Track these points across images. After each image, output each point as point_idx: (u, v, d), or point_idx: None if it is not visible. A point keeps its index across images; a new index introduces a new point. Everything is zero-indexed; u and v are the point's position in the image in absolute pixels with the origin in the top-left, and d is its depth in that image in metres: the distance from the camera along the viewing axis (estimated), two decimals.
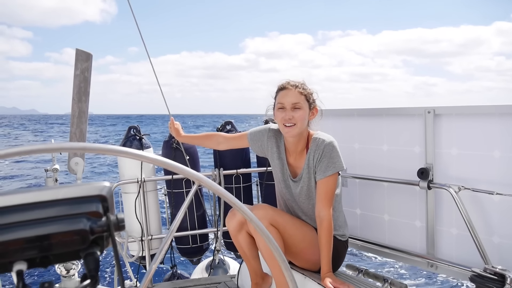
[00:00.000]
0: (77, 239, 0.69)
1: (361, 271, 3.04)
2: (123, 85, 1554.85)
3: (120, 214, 0.74)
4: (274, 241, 1.20)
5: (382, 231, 3.01)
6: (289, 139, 2.45)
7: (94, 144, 0.99)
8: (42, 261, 0.70)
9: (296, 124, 2.34)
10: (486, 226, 2.42)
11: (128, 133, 3.72)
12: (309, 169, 2.43)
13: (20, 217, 0.67)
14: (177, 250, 3.92)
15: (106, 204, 0.73)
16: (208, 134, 2.88)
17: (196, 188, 1.13)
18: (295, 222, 2.45)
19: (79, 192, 0.72)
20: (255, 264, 2.59)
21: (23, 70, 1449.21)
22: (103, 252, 0.74)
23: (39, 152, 0.92)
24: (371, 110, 2.99)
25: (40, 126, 64.98)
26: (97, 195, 0.73)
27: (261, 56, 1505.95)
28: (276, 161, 2.57)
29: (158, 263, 1.17)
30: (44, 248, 0.68)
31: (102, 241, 0.72)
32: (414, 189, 2.72)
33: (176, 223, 1.17)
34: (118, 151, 1.00)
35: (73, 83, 3.26)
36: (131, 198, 3.52)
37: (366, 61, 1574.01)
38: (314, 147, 2.40)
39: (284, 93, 2.39)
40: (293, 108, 2.35)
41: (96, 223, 0.71)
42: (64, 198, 0.71)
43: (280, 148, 2.56)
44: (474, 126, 2.43)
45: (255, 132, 2.66)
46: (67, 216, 0.69)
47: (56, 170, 3.40)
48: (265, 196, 3.78)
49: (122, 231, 3.47)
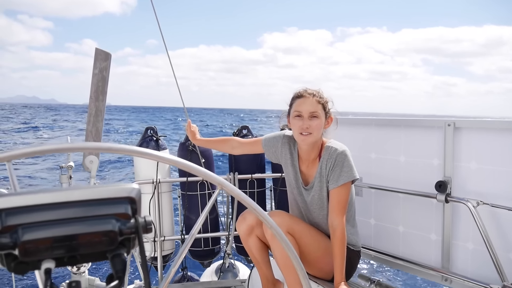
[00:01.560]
0: (105, 240, 0.69)
1: (373, 282, 3.01)
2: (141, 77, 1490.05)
3: (148, 216, 0.74)
4: (293, 249, 1.19)
5: (396, 242, 2.99)
6: (303, 147, 2.45)
7: (111, 144, 1.00)
8: (69, 260, 0.70)
9: (312, 133, 2.34)
10: (504, 242, 2.38)
11: (145, 134, 3.74)
12: (321, 177, 2.42)
13: (51, 216, 0.68)
14: (189, 253, 3.92)
15: (134, 206, 0.73)
16: (223, 139, 2.89)
17: (218, 192, 1.13)
18: (311, 231, 2.44)
19: (108, 193, 0.72)
20: (266, 269, 2.58)
21: (44, 60, 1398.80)
22: (129, 253, 0.75)
23: (56, 151, 0.92)
24: (389, 121, 2.97)
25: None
26: (126, 197, 0.73)
27: (279, 51, 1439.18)
28: (290, 168, 2.57)
29: (177, 266, 1.17)
30: (72, 247, 0.68)
31: (129, 242, 0.73)
32: (431, 201, 2.70)
33: (198, 227, 1.17)
34: (140, 152, 1.01)
35: (91, 82, 3.29)
36: (146, 198, 3.53)
37: (385, 59, 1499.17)
38: (327, 155, 2.39)
39: (302, 101, 2.39)
40: (310, 116, 2.35)
41: (125, 224, 0.71)
42: (94, 199, 0.71)
43: (294, 155, 2.56)
44: (495, 141, 2.41)
45: (270, 138, 2.66)
46: (96, 216, 0.70)
47: (71, 167, 3.43)
48: (279, 202, 3.77)
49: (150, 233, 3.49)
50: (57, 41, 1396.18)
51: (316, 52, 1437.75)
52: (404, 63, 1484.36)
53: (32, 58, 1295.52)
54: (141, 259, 0.72)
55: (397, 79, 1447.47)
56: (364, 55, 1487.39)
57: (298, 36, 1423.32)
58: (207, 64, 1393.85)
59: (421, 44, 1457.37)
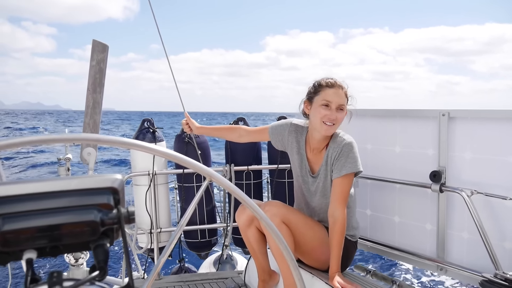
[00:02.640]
0: (87, 230, 0.69)
1: (369, 272, 3.03)
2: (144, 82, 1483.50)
3: (131, 207, 0.74)
4: (283, 239, 1.19)
5: (392, 232, 2.99)
6: (317, 136, 2.45)
7: (106, 136, 1.00)
8: (52, 251, 0.70)
9: (336, 124, 2.37)
10: (498, 232, 2.39)
11: (142, 126, 3.73)
12: (327, 166, 2.43)
13: (32, 206, 0.67)
14: (186, 244, 3.93)
15: (117, 197, 0.73)
16: (229, 127, 2.90)
17: (207, 183, 1.13)
18: (307, 221, 2.45)
19: (91, 183, 0.72)
20: (263, 260, 2.59)
21: (48, 66, 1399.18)
22: (113, 244, 0.75)
23: (53, 142, 0.92)
24: (384, 111, 2.97)
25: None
26: (109, 187, 0.73)
27: (282, 54, 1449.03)
28: (296, 156, 2.58)
29: (167, 256, 1.18)
30: (54, 237, 0.68)
31: (112, 233, 0.73)
32: (426, 191, 2.70)
33: (186, 218, 1.17)
34: (129, 144, 1.01)
35: (89, 73, 3.28)
36: (142, 190, 3.53)
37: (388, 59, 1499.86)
38: (334, 145, 2.41)
39: (333, 92, 2.38)
40: (338, 108, 2.37)
41: (107, 215, 0.71)
42: (76, 189, 0.71)
43: (300, 143, 2.56)
44: (489, 130, 2.41)
45: (277, 126, 2.66)
46: (78, 207, 0.70)
47: (69, 159, 3.43)
48: (275, 193, 3.78)
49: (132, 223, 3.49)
50: (61, 47, 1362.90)
51: (319, 54, 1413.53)
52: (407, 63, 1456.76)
53: (36, 64, 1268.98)
54: (124, 250, 0.72)
55: (400, 79, 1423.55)
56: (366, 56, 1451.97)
57: (301, 38, 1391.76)
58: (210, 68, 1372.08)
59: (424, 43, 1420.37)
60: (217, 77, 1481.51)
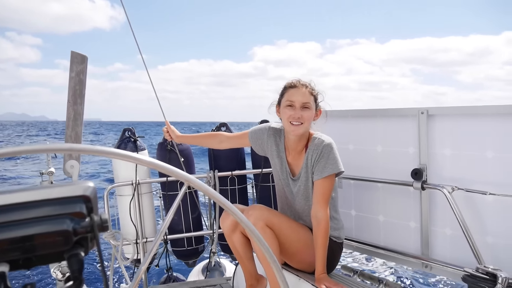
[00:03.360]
0: (60, 240, 0.69)
1: (356, 272, 3.04)
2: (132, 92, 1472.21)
3: (104, 214, 0.74)
4: (265, 242, 1.19)
5: (377, 232, 3.01)
6: (291, 137, 2.46)
7: (84, 145, 0.99)
8: (24, 263, 0.69)
9: (303, 123, 2.36)
10: (480, 226, 2.42)
11: (123, 135, 3.71)
12: (308, 168, 2.43)
13: (2, 218, 0.67)
14: (173, 253, 3.91)
15: (90, 205, 0.73)
16: (209, 134, 2.89)
17: (185, 189, 1.13)
18: (291, 224, 2.45)
19: (62, 192, 0.72)
20: (250, 265, 2.58)
21: (33, 77, 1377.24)
22: (88, 253, 0.74)
23: (34, 152, 0.91)
24: (365, 111, 2.99)
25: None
26: (81, 195, 0.72)
27: (270, 64, 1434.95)
28: (276, 160, 2.58)
29: (147, 264, 1.17)
30: (26, 249, 0.67)
31: (87, 242, 0.72)
32: (408, 190, 2.72)
33: (165, 224, 1.16)
34: (107, 152, 1.00)
35: (69, 85, 3.25)
36: (126, 200, 3.50)
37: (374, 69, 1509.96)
38: (313, 147, 2.41)
39: (295, 91, 2.40)
40: (302, 107, 2.37)
41: (79, 223, 0.70)
42: (47, 199, 0.70)
43: (280, 147, 2.57)
44: (467, 127, 2.44)
45: (256, 131, 2.67)
46: (50, 217, 0.69)
47: (52, 173, 3.38)
48: (260, 198, 3.77)
49: (117, 234, 3.46)
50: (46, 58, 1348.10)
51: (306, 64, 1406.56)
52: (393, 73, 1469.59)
53: (21, 75, 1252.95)
54: (99, 258, 0.71)
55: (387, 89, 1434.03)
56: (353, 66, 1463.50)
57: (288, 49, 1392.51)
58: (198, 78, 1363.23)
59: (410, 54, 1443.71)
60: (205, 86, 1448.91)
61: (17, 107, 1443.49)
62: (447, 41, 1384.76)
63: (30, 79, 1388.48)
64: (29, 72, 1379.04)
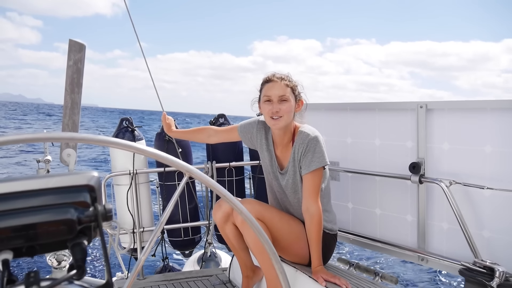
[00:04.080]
0: (64, 229, 0.69)
1: (352, 264, 3.06)
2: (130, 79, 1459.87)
3: (108, 204, 0.74)
4: (264, 234, 1.19)
5: (373, 225, 3.02)
6: (276, 131, 2.46)
7: (84, 134, 0.99)
8: (28, 251, 0.69)
9: (283, 116, 2.35)
10: (477, 221, 2.43)
11: (121, 125, 3.70)
12: (295, 162, 2.43)
13: (7, 206, 0.67)
14: (169, 243, 3.92)
15: (94, 194, 0.73)
16: (198, 129, 2.89)
17: (186, 179, 1.13)
18: (282, 216, 2.45)
19: (67, 181, 0.72)
20: (245, 256, 2.59)
21: (31, 59, 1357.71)
22: (91, 242, 0.74)
23: (31, 141, 0.91)
24: (363, 105, 2.99)
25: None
26: (85, 184, 0.72)
27: (269, 59, 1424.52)
28: (265, 153, 2.58)
29: (147, 254, 1.17)
30: (30, 237, 0.67)
31: (90, 231, 0.72)
32: (406, 183, 2.73)
33: (166, 215, 1.16)
34: (108, 142, 1.00)
35: (66, 74, 3.23)
36: (123, 190, 3.50)
37: (373, 70, 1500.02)
38: (299, 140, 2.40)
39: (271, 86, 2.39)
40: (280, 100, 2.36)
41: (83, 213, 0.70)
42: (52, 188, 0.70)
43: (269, 140, 2.57)
44: (466, 121, 2.44)
45: (245, 125, 2.66)
46: (54, 205, 0.69)
47: (48, 161, 3.37)
48: (257, 189, 3.78)
49: (114, 223, 3.47)
50: (46, 40, 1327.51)
51: (306, 61, 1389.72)
52: (392, 75, 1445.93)
53: (19, 56, 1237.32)
54: (102, 247, 0.71)
55: (385, 91, 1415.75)
56: (352, 66, 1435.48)
57: (288, 45, 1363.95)
58: (197, 70, 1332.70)
59: (409, 57, 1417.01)
60: (203, 79, 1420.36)
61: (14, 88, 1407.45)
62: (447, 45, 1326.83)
63: (28, 60, 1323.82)
64: (28, 54, 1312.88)
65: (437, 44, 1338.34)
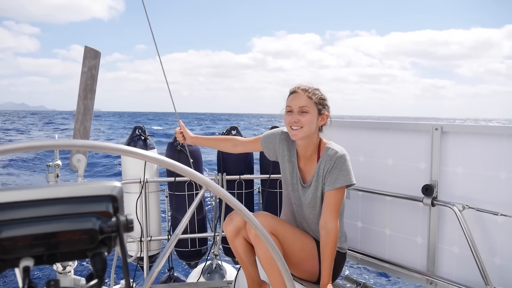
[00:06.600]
0: (85, 238, 0.69)
1: (359, 284, 3.02)
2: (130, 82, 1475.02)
3: (130, 215, 0.73)
4: (278, 250, 1.19)
5: (382, 245, 3.00)
6: (298, 142, 2.48)
7: (101, 142, 0.99)
8: (49, 259, 0.69)
9: (302, 127, 2.36)
10: (489, 247, 2.40)
11: (133, 133, 3.72)
12: (319, 177, 2.43)
13: (30, 213, 0.67)
14: (175, 253, 3.91)
15: (116, 205, 0.73)
16: (224, 137, 2.92)
17: (203, 192, 1.13)
18: (295, 232, 2.44)
19: (90, 191, 0.72)
20: (252, 271, 2.58)
21: (31, 66, 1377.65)
22: (110, 252, 0.74)
23: (44, 148, 0.91)
24: (378, 124, 2.98)
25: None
26: (108, 195, 0.72)
27: (268, 55, 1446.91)
28: (287, 164, 2.58)
29: (161, 265, 1.16)
30: (52, 245, 0.67)
31: (110, 241, 0.72)
32: (417, 205, 2.71)
33: (182, 227, 1.16)
34: (125, 151, 1.00)
35: (80, 80, 3.26)
36: (133, 198, 3.50)
37: (374, 62, 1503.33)
38: (326, 157, 2.41)
39: (293, 97, 2.42)
40: (300, 111, 2.38)
41: (105, 223, 0.70)
42: (75, 197, 0.70)
43: (292, 152, 2.57)
44: (481, 146, 2.43)
45: (269, 135, 2.68)
46: (77, 214, 0.69)
47: (58, 166, 3.39)
48: (267, 203, 3.77)
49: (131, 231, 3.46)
50: (45, 47, 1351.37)
51: (306, 55, 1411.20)
52: (393, 66, 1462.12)
53: (19, 64, 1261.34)
54: (122, 259, 0.71)
55: (386, 82, 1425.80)
56: (353, 58, 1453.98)
57: (287, 40, 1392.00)
58: (197, 69, 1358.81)
59: (410, 47, 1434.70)
60: (204, 78, 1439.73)
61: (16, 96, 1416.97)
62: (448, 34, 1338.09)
63: (28, 68, 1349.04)
64: (27, 61, 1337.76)
65: (437, 32, 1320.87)
